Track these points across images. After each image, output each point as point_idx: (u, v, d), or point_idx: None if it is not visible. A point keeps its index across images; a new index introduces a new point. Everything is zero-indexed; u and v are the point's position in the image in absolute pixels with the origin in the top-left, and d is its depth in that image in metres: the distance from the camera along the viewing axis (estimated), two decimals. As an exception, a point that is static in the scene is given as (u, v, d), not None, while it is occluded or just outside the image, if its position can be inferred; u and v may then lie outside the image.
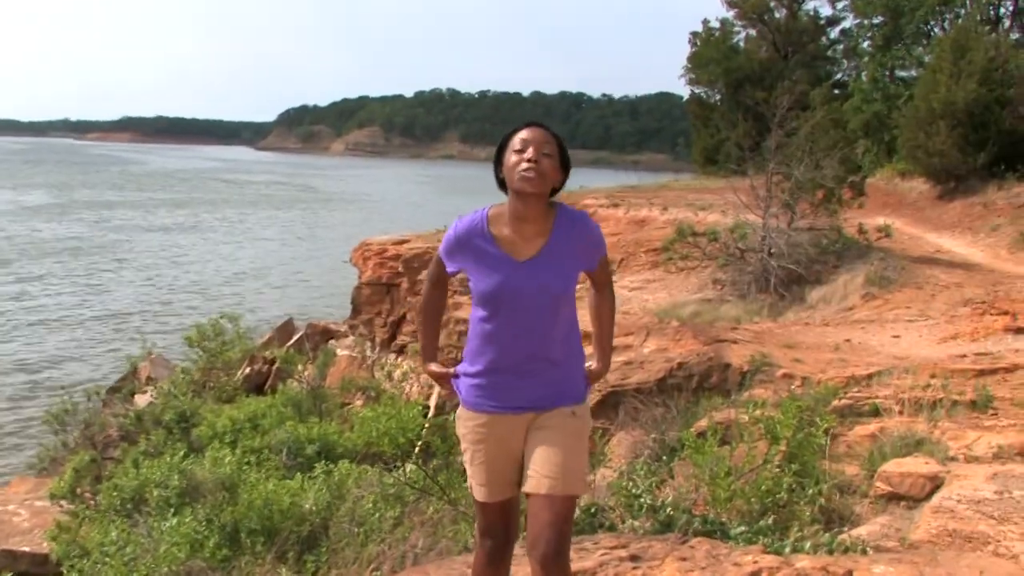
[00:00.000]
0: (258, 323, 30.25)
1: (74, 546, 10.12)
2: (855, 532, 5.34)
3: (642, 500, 5.65)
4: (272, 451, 11.81)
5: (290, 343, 24.16)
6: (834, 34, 45.29)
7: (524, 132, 3.35)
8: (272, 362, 22.45)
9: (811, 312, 15.91)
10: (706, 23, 44.66)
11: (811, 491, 5.80)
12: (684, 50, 50.76)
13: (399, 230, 38.85)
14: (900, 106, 30.94)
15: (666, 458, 7.59)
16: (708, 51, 43.40)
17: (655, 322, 14.11)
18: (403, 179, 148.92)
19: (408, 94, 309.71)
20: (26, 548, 13.00)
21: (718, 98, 44.62)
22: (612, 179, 42.25)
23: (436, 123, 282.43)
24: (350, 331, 25.03)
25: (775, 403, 7.39)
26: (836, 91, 39.78)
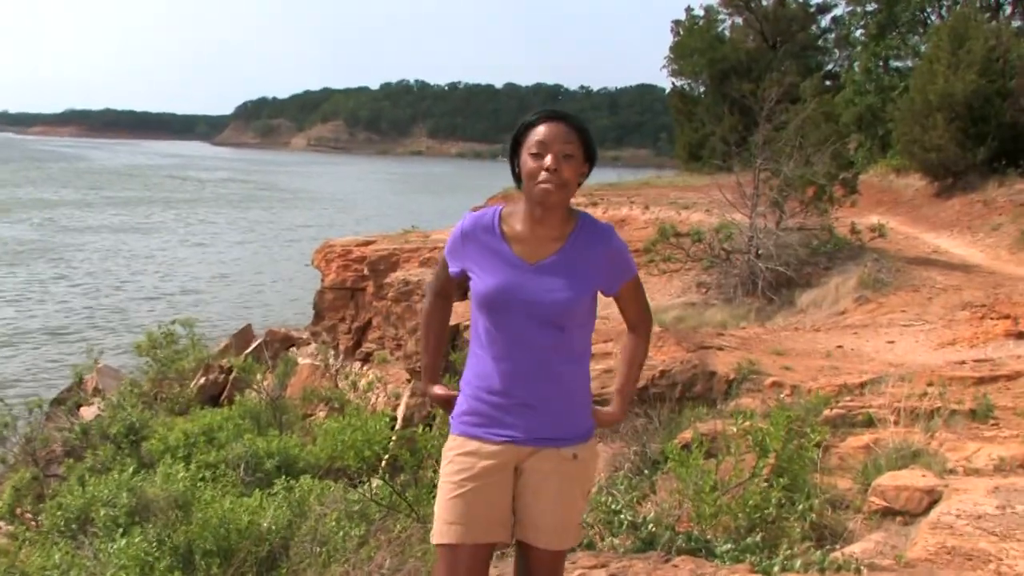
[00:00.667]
0: (213, 330, 30.07)
1: (14, 571, 10.02)
2: (848, 550, 5.34)
3: (622, 516, 5.65)
4: (229, 466, 11.74)
5: (248, 351, 24.02)
6: (825, 22, 45.43)
7: (541, 130, 3.17)
8: (229, 371, 22.33)
9: (801, 317, 15.96)
10: (689, 11, 44.62)
11: (801, 506, 5.81)
12: (666, 40, 50.97)
13: (364, 230, 38.78)
14: (895, 98, 31.04)
15: (648, 472, 7.60)
16: (691, 41, 43.39)
17: (636, 328, 14.10)
18: (369, 176, 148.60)
19: (373, 86, 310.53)
20: (-39, 574, 12.88)
21: (702, 90, 44.65)
22: (591, 176, 42.26)
23: (403, 117, 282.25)
24: (312, 338, 24.97)
25: (763, 413, 7.41)
26: (827, 83, 39.78)
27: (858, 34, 40.36)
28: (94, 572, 7.66)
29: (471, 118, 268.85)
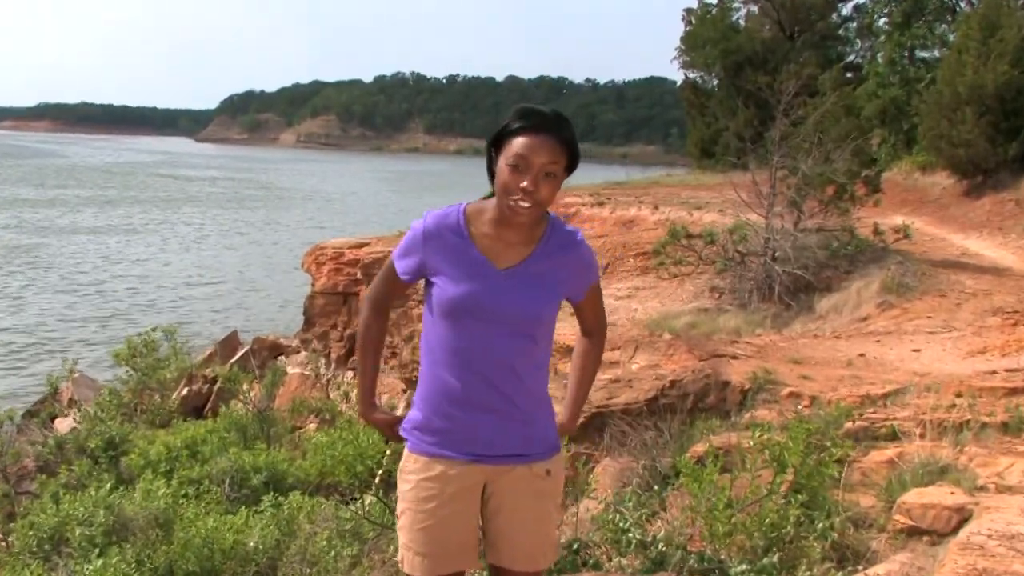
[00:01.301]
0: (197, 337, 30.08)
1: (-16, 593, 10.02)
2: (871, 571, 5.33)
3: (631, 535, 5.63)
4: (213, 482, 11.73)
5: (234, 360, 24.02)
6: (846, 10, 45.25)
7: (524, 141, 3.03)
8: (213, 381, 22.32)
9: (820, 323, 15.94)
10: (702, -1, 44.76)
11: (821, 525, 5.79)
12: (677, 29, 50.89)
13: (357, 232, 38.77)
14: (921, 91, 30.94)
15: (658, 488, 7.57)
16: (704, 30, 43.34)
17: (645, 335, 14.12)
18: (362, 175, 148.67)
19: (367, 79, 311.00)
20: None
21: (715, 83, 44.59)
22: (597, 174, 42.33)
23: (399, 112, 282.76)
24: (302, 346, 24.96)
25: (780, 426, 7.38)
26: (848, 75, 39.71)
27: (881, 23, 40.28)
28: (69, 595, 7.64)
29: (470, 113, 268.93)
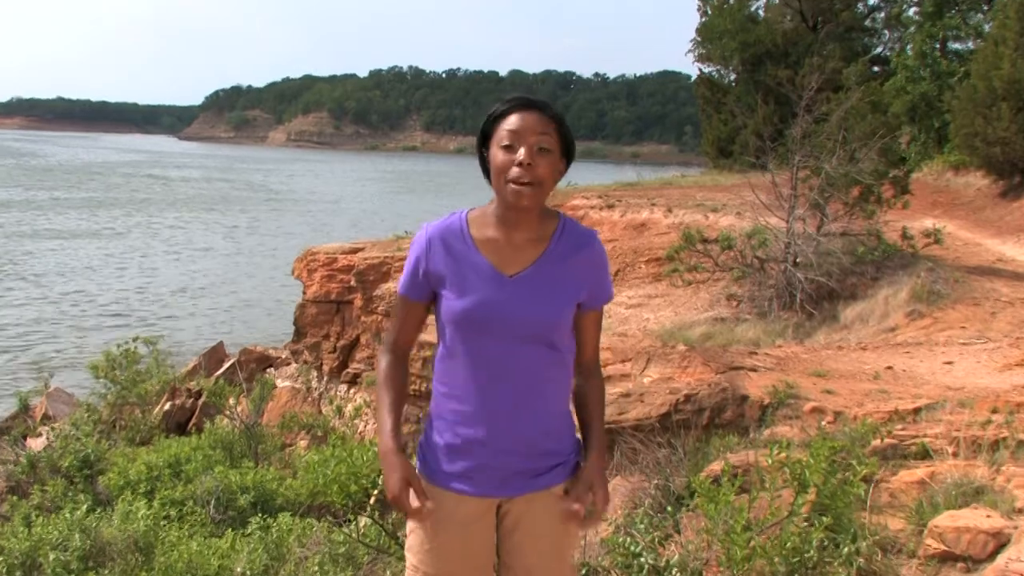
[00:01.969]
0: (180, 348, 30.06)
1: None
2: (901, 599, 5.30)
3: (643, 559, 5.61)
4: (197, 503, 11.71)
5: (219, 372, 24.02)
6: (873, 0, 45.40)
7: (513, 119, 3.08)
8: (198, 395, 22.32)
9: (845, 334, 15.92)
10: (718, -13, 44.74)
11: (847, 549, 5.76)
12: (692, 20, 50.84)
13: (352, 236, 38.76)
14: (954, 86, 30.99)
15: (671, 509, 7.56)
16: (721, 21, 43.35)
17: (657, 346, 14.09)
18: (357, 175, 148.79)
19: (362, 73, 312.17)
20: None
21: (733, 78, 44.68)
22: (606, 174, 42.46)
23: (396, 108, 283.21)
24: (292, 358, 24.96)
25: (802, 443, 7.37)
26: (875, 68, 39.83)
27: (911, 13, 40.39)
28: (42, 624, 7.63)
29: (472, 109, 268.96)
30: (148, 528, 9.09)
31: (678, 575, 5.42)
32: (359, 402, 20.60)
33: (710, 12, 44.13)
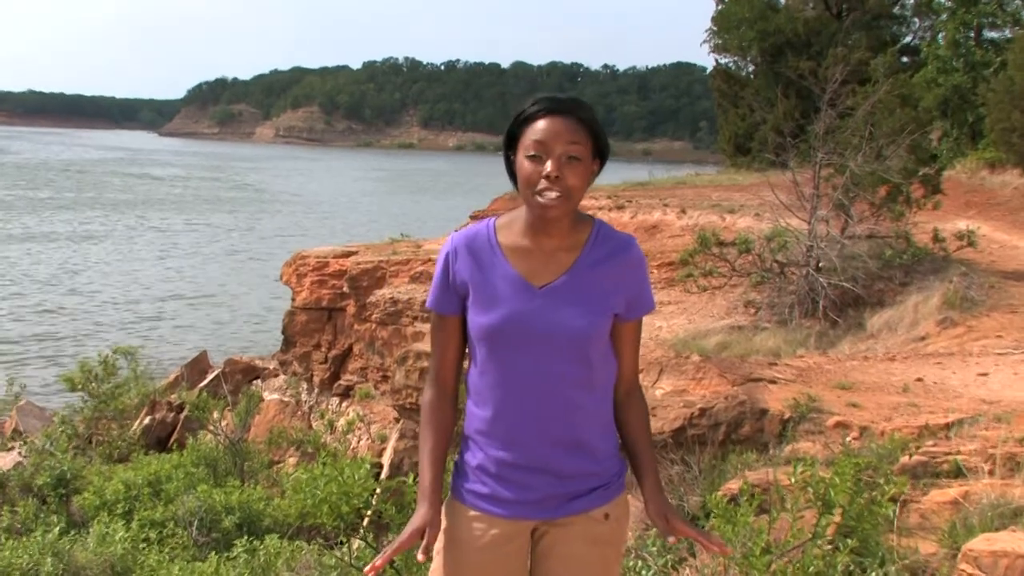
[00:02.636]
0: (162, 359, 30.10)
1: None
2: (932, 628, 5.29)
3: (656, 586, 5.60)
4: (179, 524, 11.72)
5: (203, 384, 24.03)
6: (902, -15, 45.26)
7: (540, 126, 3.04)
8: (179, 409, 22.30)
9: (871, 343, 15.90)
10: (736, -27, 44.62)
11: (874, 574, 5.75)
12: (707, 8, 50.84)
13: (344, 239, 38.75)
14: (989, 77, 30.89)
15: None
16: (738, 9, 43.22)
17: (670, 356, 14.07)
18: (349, 174, 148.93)
19: (355, 65, 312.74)
20: None
21: (751, 69, 44.59)
22: (615, 173, 42.05)
23: (391, 102, 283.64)
24: (280, 369, 24.95)
25: (826, 460, 7.35)
26: (904, 59, 39.70)
27: (944, -1, 40.20)
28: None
29: (472, 104, 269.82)
30: (126, 551, 9.09)
31: (693, 602, 5.41)
32: (352, 416, 20.61)
33: (727, -1, 44.08)
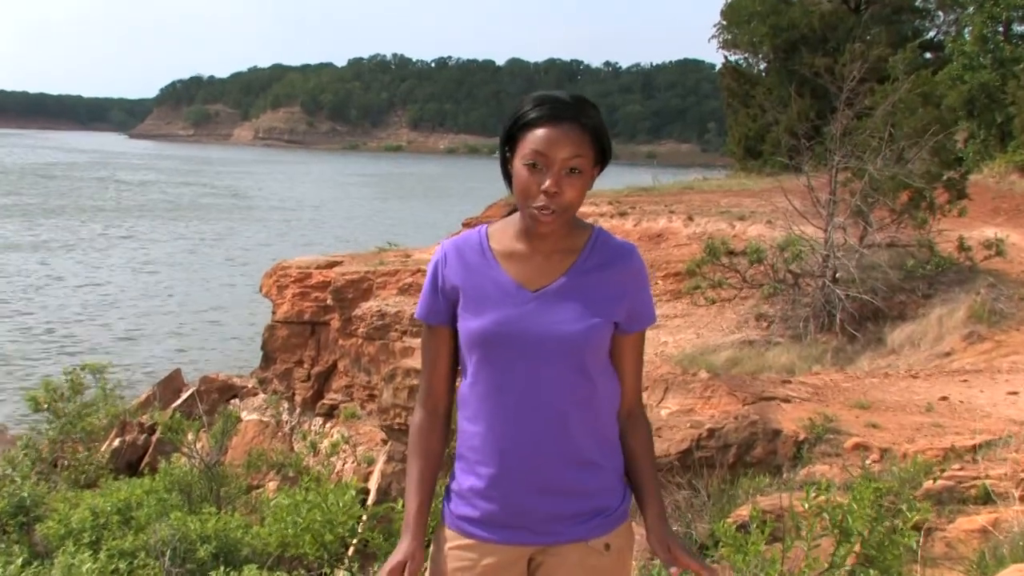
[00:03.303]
0: (132, 376, 30.00)
1: None
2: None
3: (661, 620, 5.59)
4: (150, 554, 11.68)
5: (176, 404, 23.99)
6: (925, -24, 45.26)
7: (541, 134, 2.99)
8: (151, 430, 22.27)
9: (892, 359, 15.91)
10: (747, -36, 44.63)
11: (896, 607, 5.74)
12: (716, 2, 50.95)
13: (328, 248, 38.77)
14: (1019, 74, 30.89)
15: (694, 561, 7.54)
16: (750, 2, 43.20)
17: (677, 373, 14.07)
18: (334, 179, 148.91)
19: (339, 62, 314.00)
20: None
21: (763, 67, 44.67)
22: (618, 177, 42.18)
23: (378, 102, 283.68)
24: (260, 387, 24.91)
25: (844, 485, 7.35)
26: (927, 55, 39.75)
27: (969, -10, 40.18)
28: None
29: (465, 104, 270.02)
30: (93, 583, 9.06)
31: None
32: (336, 437, 20.58)
33: (737, -8, 44.07)
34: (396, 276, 22.43)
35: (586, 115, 3.05)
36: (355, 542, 8.88)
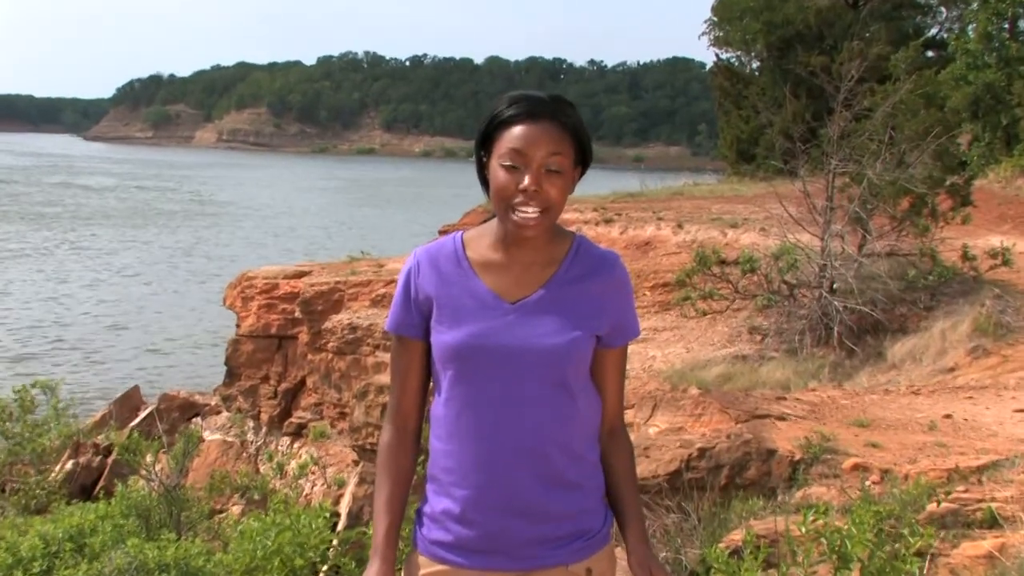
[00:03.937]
0: (87, 394, 29.90)
1: None
2: None
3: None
4: (105, 584, 11.65)
5: (134, 423, 23.93)
6: (928, -29, 45.37)
7: (518, 132, 3.01)
8: (107, 451, 22.19)
9: (893, 375, 15.93)
10: (739, -44, 44.70)
11: (898, 638, 5.74)
12: (707, -3, 51.06)
13: (297, 257, 38.71)
14: (1025, 74, 31.01)
15: (685, 588, 7.54)
16: (742, -2, 43.46)
17: (666, 389, 14.06)
18: (302, 183, 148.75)
19: (308, 60, 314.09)
20: None
21: (756, 66, 44.82)
22: (604, 183, 42.16)
23: (349, 103, 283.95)
24: (223, 405, 24.86)
25: (842, 508, 7.35)
26: (929, 54, 39.85)
27: (974, -15, 40.31)
28: None
29: (441, 104, 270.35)
30: (44, 615, 9.02)
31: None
32: (304, 458, 20.52)
33: (728, -14, 44.14)
34: (368, 287, 22.38)
35: (564, 113, 3.07)
36: (325, 569, 8.86)
